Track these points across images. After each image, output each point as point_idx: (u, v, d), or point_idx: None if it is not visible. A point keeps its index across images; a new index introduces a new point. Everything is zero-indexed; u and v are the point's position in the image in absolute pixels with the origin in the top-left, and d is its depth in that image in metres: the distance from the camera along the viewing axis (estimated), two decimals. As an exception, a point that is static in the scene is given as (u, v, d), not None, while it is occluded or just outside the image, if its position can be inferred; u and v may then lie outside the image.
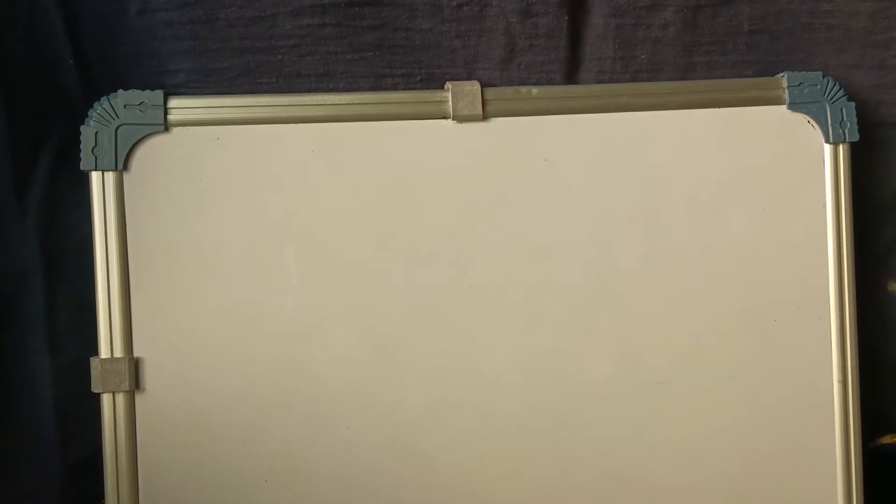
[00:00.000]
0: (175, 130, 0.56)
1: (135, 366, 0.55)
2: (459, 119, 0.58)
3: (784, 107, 0.60)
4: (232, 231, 0.56)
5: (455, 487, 0.58)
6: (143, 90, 0.55)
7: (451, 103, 0.57)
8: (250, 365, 0.56)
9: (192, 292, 0.55)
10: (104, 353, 0.54)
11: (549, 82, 0.61)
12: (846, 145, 0.60)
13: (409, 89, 0.60)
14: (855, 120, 0.60)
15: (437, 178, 0.57)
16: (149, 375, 0.55)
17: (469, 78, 0.60)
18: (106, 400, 0.54)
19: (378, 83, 0.60)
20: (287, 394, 0.56)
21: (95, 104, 0.55)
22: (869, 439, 0.63)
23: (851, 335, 0.60)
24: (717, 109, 0.59)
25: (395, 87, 0.60)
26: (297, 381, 0.56)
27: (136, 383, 0.55)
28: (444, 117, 0.58)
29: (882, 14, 0.63)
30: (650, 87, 0.60)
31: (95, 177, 0.55)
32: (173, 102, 0.56)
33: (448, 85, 0.58)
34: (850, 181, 0.60)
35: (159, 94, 0.55)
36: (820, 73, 0.60)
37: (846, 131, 0.60)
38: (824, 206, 0.60)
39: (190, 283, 0.55)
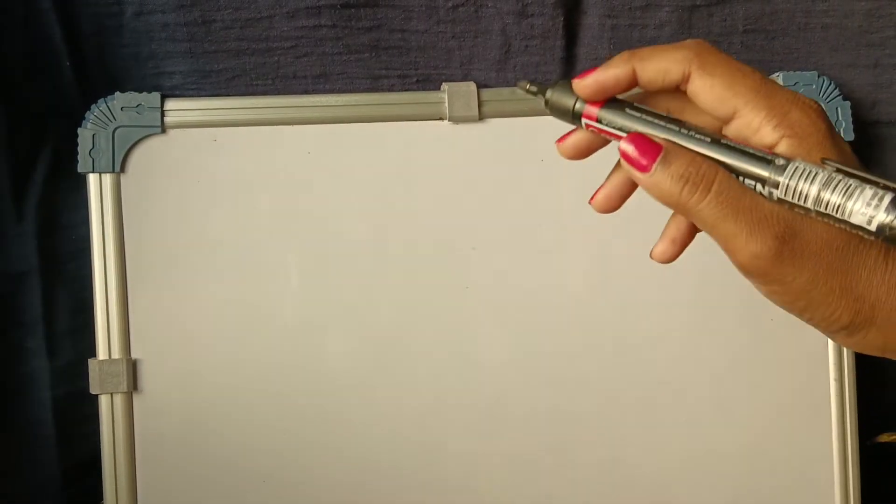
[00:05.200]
0: (172, 132, 0.56)
1: (132, 367, 0.55)
2: (455, 120, 0.58)
3: (779, 106, 0.60)
4: (229, 232, 0.56)
5: (455, 486, 0.58)
6: (140, 92, 0.55)
7: (447, 104, 0.57)
8: (249, 365, 0.56)
9: (189, 294, 0.56)
10: (102, 354, 0.54)
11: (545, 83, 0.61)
12: (842, 144, 0.60)
13: (406, 90, 0.60)
14: (850, 119, 0.60)
15: (434, 178, 0.57)
16: (146, 377, 0.55)
17: (465, 79, 0.60)
18: (104, 401, 0.54)
19: (374, 84, 0.60)
20: (286, 394, 0.56)
21: (92, 106, 0.55)
22: (866, 437, 0.63)
23: (848, 333, 0.59)
24: (712, 109, 0.60)
25: (391, 89, 0.60)
26: (296, 382, 0.56)
27: (133, 384, 0.55)
28: (441, 118, 0.58)
29: (877, 13, 0.63)
30: (646, 87, 0.60)
31: (93, 179, 0.55)
32: (170, 104, 0.56)
33: (444, 86, 0.58)
34: (846, 180, 0.60)
35: (156, 96, 0.55)
36: (815, 72, 0.60)
37: (841, 130, 0.59)
38: (820, 205, 0.60)
39: (187, 284, 0.56)
